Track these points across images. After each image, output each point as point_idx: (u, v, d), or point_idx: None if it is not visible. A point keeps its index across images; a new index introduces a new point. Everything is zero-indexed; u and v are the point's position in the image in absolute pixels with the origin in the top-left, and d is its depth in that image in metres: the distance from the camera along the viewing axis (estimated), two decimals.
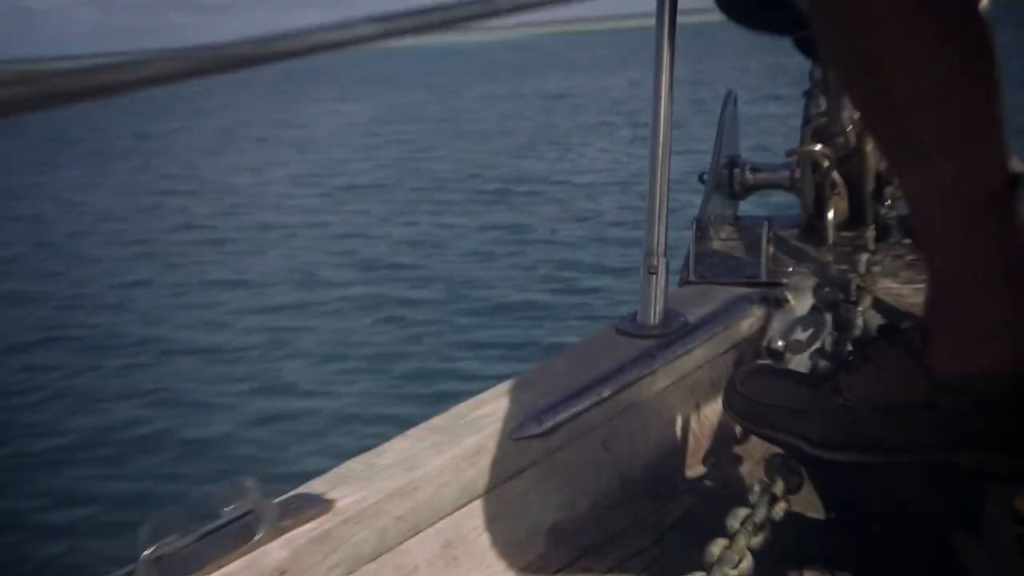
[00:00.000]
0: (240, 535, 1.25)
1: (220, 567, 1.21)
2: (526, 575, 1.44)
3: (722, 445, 1.70)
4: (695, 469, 1.68)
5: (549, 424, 1.49)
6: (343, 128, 10.38)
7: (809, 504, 1.56)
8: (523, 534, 1.46)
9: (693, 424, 1.69)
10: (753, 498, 1.25)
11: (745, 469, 1.67)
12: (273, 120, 11.04)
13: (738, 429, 1.70)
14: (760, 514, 1.23)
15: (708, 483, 1.63)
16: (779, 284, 1.84)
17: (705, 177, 2.05)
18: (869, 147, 1.95)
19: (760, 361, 1.63)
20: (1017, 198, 1.23)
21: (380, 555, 1.32)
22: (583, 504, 1.54)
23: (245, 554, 1.23)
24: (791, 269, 1.88)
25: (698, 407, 1.69)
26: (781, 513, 1.26)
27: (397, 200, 7.88)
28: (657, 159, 1.74)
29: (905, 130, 1.24)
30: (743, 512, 1.23)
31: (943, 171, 1.22)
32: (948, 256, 1.27)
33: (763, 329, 1.80)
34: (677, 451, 1.67)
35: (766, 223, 1.88)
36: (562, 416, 1.51)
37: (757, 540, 1.21)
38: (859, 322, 1.67)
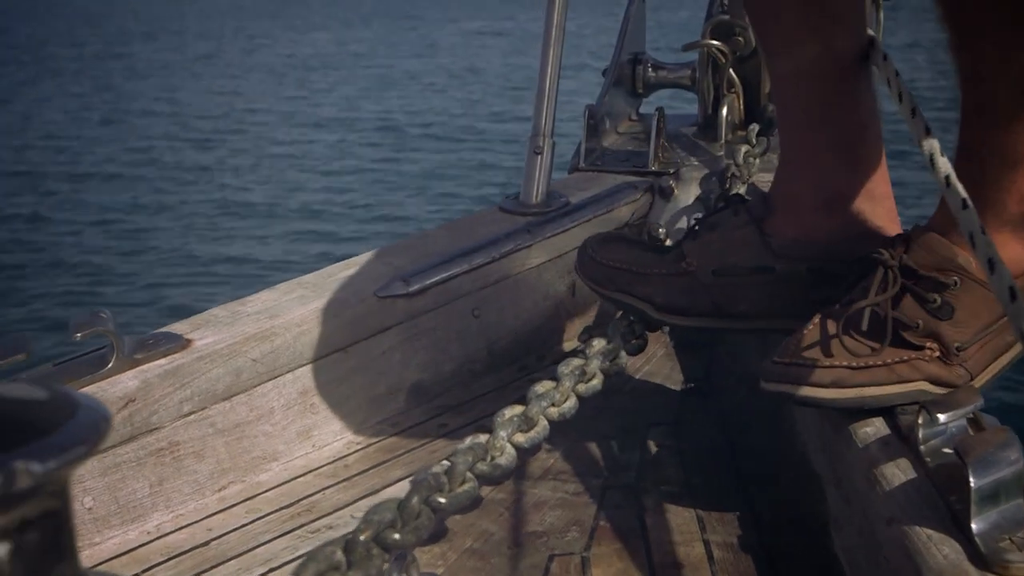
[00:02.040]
0: (93, 364, 1.28)
1: None
2: (383, 427, 1.48)
3: (596, 324, 1.74)
4: (566, 344, 1.72)
5: (416, 286, 1.53)
6: (330, 57, 10.24)
7: (669, 377, 1.62)
8: (383, 389, 1.50)
9: (567, 302, 1.73)
10: (589, 352, 1.29)
11: None
12: (258, 45, 10.86)
13: (617, 312, 1.74)
14: (593, 365, 1.27)
15: None
16: (666, 174, 1.88)
17: (607, 71, 2.07)
18: None
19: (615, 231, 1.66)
20: (867, 68, 1.27)
21: (234, 395, 1.36)
22: (448, 367, 1.58)
23: (95, 382, 1.26)
24: (680, 161, 1.92)
25: (574, 286, 1.73)
26: (616, 368, 1.31)
27: (352, 137, 7.83)
28: (549, 43, 1.77)
29: (775, 14, 1.28)
30: (576, 361, 1.27)
31: (805, 50, 1.26)
32: (798, 130, 1.32)
33: (646, 216, 1.84)
34: (549, 326, 1.71)
35: (657, 112, 1.92)
36: (430, 280, 1.55)
37: (585, 387, 1.25)
38: None
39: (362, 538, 0.90)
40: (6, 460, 0.58)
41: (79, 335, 1.25)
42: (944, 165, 1.03)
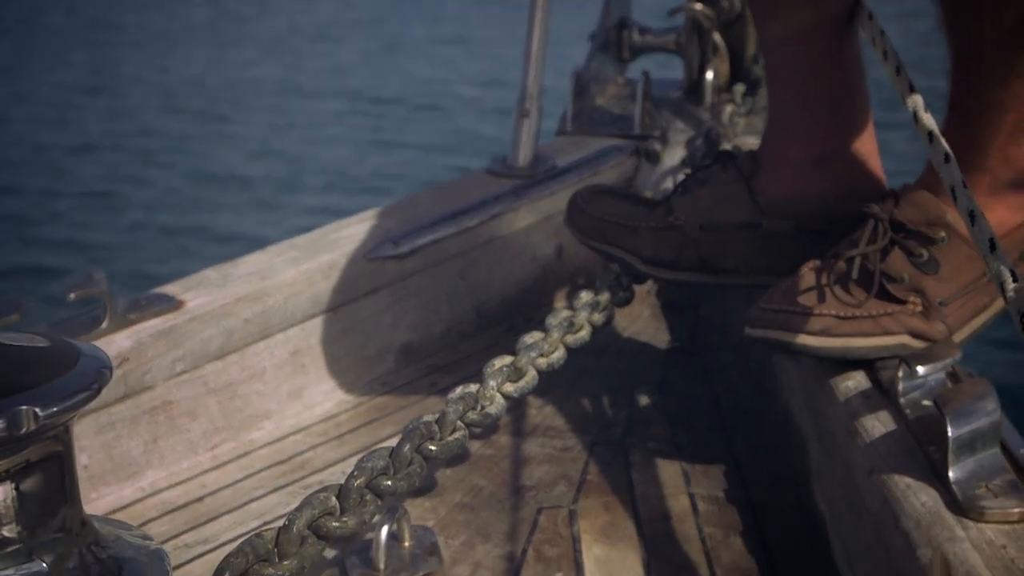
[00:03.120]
0: (87, 324, 1.29)
1: None
2: (373, 387, 1.50)
3: (583, 286, 1.76)
4: (554, 306, 1.74)
5: (406, 248, 1.54)
6: (327, 26, 10.17)
7: (655, 337, 1.64)
8: (374, 350, 1.52)
9: (555, 264, 1.75)
10: (577, 304, 1.32)
11: None
12: (258, 13, 10.72)
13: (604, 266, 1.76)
14: (580, 317, 1.30)
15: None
16: (652, 137, 1.89)
17: (593, 36, 2.09)
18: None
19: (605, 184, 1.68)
20: (853, 27, 1.29)
21: (226, 354, 1.37)
22: (437, 328, 1.60)
23: (89, 341, 1.27)
24: (665, 124, 1.94)
25: (561, 249, 1.74)
26: (603, 319, 1.33)
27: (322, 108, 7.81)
28: (536, 6, 1.77)
29: None
30: (564, 313, 1.29)
31: (795, 11, 1.28)
32: (787, 90, 1.34)
33: (632, 179, 1.86)
34: (536, 287, 1.73)
35: (643, 76, 1.93)
36: (419, 241, 1.56)
37: (574, 338, 1.27)
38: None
39: (355, 484, 0.93)
40: (10, 404, 0.60)
41: (73, 296, 1.27)
42: (928, 120, 1.05)
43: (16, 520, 0.61)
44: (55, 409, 0.61)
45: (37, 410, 0.59)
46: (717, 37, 2.01)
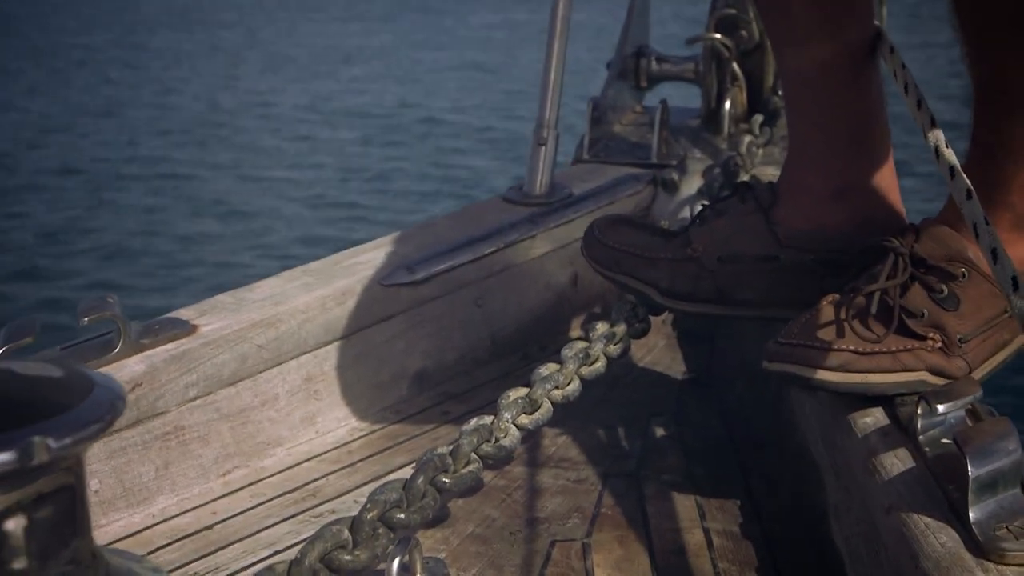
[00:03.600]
0: (99, 348, 1.29)
1: None
2: (386, 414, 1.49)
3: (599, 315, 1.75)
4: (568, 334, 1.73)
5: (421, 275, 1.54)
6: (347, 50, 10.22)
7: (670, 367, 1.63)
8: (387, 376, 1.51)
9: (570, 292, 1.74)
10: (593, 335, 1.31)
11: None
12: (276, 37, 10.75)
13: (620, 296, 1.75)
14: (596, 348, 1.29)
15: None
16: (669, 166, 1.89)
17: (611, 63, 2.08)
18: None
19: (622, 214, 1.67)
20: (875, 59, 1.29)
21: (239, 380, 1.37)
22: (451, 356, 1.59)
23: (101, 366, 1.27)
24: (683, 153, 1.93)
25: (577, 277, 1.74)
26: (619, 351, 1.32)
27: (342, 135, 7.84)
28: (555, 34, 1.77)
29: (784, 6, 1.29)
30: (580, 344, 1.28)
31: (815, 42, 1.27)
32: (807, 121, 1.33)
33: (649, 208, 1.85)
34: (551, 316, 1.72)
35: (661, 104, 1.92)
36: (435, 269, 1.56)
37: (589, 370, 1.26)
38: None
39: (368, 517, 0.92)
40: (23, 435, 0.59)
41: (87, 319, 1.26)
42: (949, 156, 1.04)
43: (26, 553, 0.60)
44: (68, 440, 0.60)
45: (50, 441, 0.58)
46: (735, 66, 2.01)
